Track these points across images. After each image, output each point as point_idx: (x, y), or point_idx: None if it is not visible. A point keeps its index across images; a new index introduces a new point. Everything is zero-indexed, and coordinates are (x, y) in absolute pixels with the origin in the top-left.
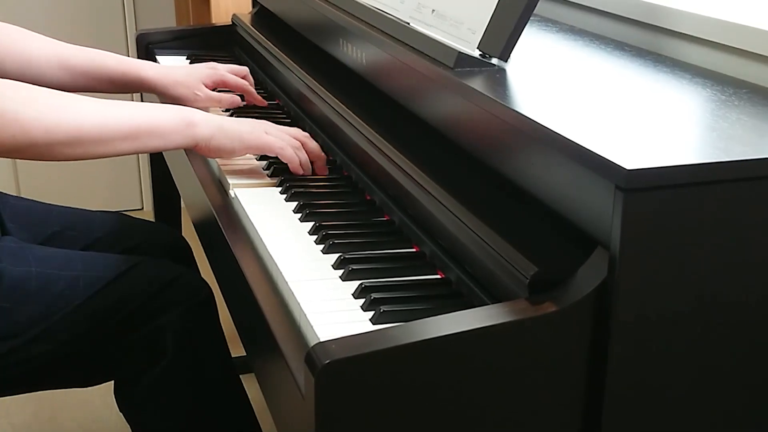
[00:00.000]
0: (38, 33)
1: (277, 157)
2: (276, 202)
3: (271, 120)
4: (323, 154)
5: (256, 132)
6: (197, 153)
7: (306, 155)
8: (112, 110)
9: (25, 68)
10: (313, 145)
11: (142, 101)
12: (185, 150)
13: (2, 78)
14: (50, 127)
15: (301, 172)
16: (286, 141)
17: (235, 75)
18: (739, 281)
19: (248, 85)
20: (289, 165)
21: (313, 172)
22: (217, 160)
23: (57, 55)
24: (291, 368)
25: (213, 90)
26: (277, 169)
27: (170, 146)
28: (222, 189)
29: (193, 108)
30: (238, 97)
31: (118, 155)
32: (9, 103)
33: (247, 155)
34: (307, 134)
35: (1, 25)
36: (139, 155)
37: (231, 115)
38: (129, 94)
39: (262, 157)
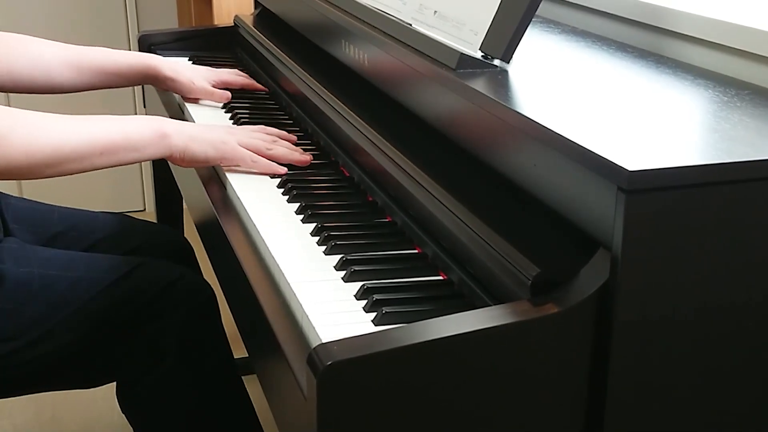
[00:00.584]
0: (40, 35)
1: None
2: (278, 203)
3: (272, 121)
4: (305, 155)
5: (230, 143)
6: (172, 163)
7: (283, 149)
8: (88, 128)
9: (36, 73)
10: (286, 138)
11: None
12: None
13: (16, 84)
14: (30, 150)
15: (280, 171)
16: (257, 146)
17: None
18: (741, 282)
19: (246, 81)
20: (263, 171)
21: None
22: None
23: (67, 56)
24: (293, 369)
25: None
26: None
27: (146, 158)
28: (224, 190)
29: (165, 118)
30: (229, 94)
31: (96, 170)
32: None
33: None
34: (272, 131)
35: (11, 34)
36: None
37: (233, 111)
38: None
39: None
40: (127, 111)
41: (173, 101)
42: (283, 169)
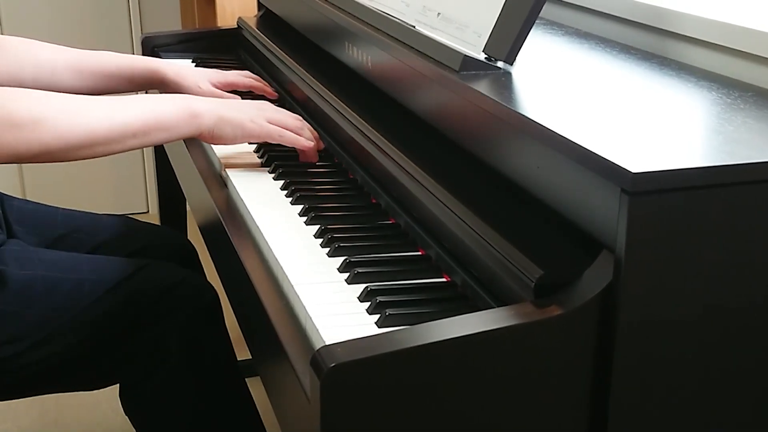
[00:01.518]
0: (44, 37)
1: (281, 159)
2: (282, 205)
3: None
4: (320, 142)
5: (258, 120)
6: (201, 140)
7: (309, 134)
8: (120, 109)
9: (41, 77)
10: (308, 134)
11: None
12: (189, 151)
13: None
14: (64, 133)
15: (308, 146)
16: (287, 122)
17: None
18: (745, 284)
19: (255, 83)
20: (292, 145)
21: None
22: (222, 162)
23: (70, 60)
24: (296, 371)
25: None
26: (282, 173)
27: (175, 137)
28: (227, 192)
29: (194, 96)
30: (238, 97)
31: (128, 151)
32: (24, 112)
33: (250, 155)
34: (302, 120)
35: (16, 38)
36: (145, 159)
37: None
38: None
39: (268, 160)
40: None
41: None
42: (310, 144)
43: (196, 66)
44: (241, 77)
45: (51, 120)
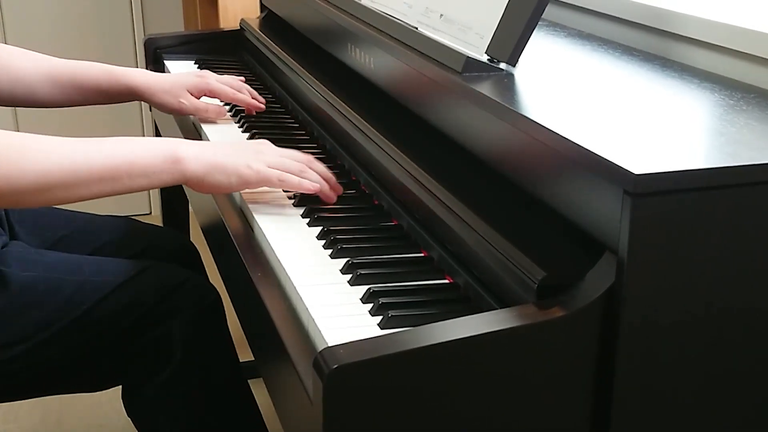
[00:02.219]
0: (47, 39)
1: None
2: (284, 207)
3: (278, 124)
4: (330, 174)
5: (255, 165)
6: (190, 189)
7: (316, 175)
8: (84, 151)
9: (16, 86)
10: (318, 166)
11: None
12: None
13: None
14: (12, 177)
15: (312, 189)
16: (289, 167)
17: (228, 85)
18: (747, 285)
19: (238, 94)
20: (297, 190)
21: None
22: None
23: (47, 71)
24: (299, 373)
25: (200, 98)
26: None
27: (157, 185)
28: (230, 195)
29: (182, 140)
30: (225, 108)
31: (100, 197)
32: None
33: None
34: (310, 157)
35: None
36: None
37: (242, 122)
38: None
39: None
40: (134, 114)
41: (186, 118)
42: (315, 186)
43: (199, 68)
44: (223, 87)
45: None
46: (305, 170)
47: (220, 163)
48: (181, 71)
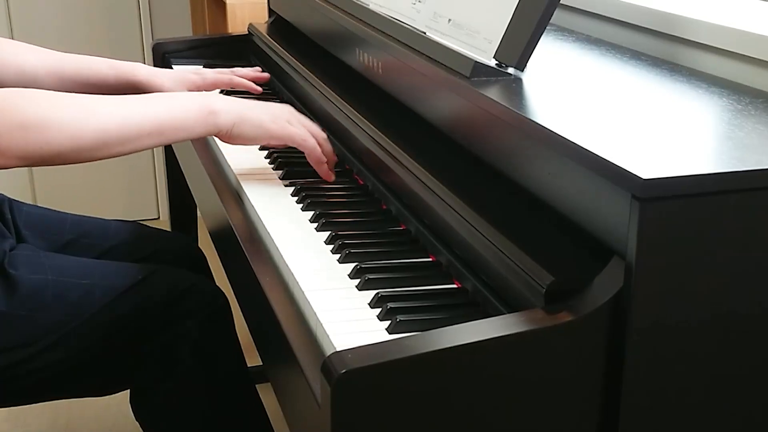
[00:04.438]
0: (55, 42)
1: (292, 165)
2: (292, 211)
3: None
4: (335, 157)
5: (279, 122)
6: (220, 140)
7: (329, 148)
8: (134, 108)
9: (21, 80)
10: (328, 147)
11: None
12: (199, 157)
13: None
14: (75, 134)
15: (322, 161)
16: (308, 131)
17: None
18: (755, 289)
19: (235, 78)
20: (309, 156)
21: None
22: (233, 168)
23: (52, 65)
24: (307, 378)
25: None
26: (293, 180)
27: (193, 136)
28: (238, 198)
29: (214, 94)
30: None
31: (145, 149)
32: (32, 114)
33: (260, 160)
34: (324, 135)
35: (4, 40)
36: (155, 165)
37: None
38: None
39: (277, 167)
40: None
41: None
42: (324, 160)
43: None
44: (221, 76)
45: (60, 121)
46: (324, 142)
47: (248, 115)
48: None
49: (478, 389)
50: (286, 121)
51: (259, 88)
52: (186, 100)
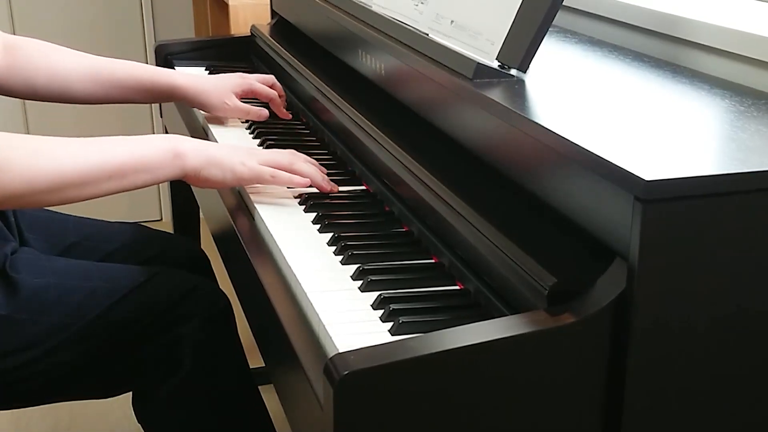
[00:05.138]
0: (58, 44)
1: None
2: (295, 213)
3: (289, 130)
4: (323, 170)
5: (248, 163)
6: (188, 182)
7: (307, 165)
8: (94, 150)
9: (55, 83)
10: (306, 158)
11: (160, 111)
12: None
13: (32, 92)
14: (30, 176)
15: (302, 183)
16: (279, 161)
17: (264, 84)
18: (757, 291)
19: (276, 95)
20: (289, 184)
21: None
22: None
23: (87, 68)
24: (310, 379)
25: (242, 100)
26: None
27: (159, 180)
28: (241, 201)
29: (181, 136)
30: (266, 110)
31: (106, 195)
32: None
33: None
34: (301, 155)
35: (33, 41)
36: None
37: (252, 128)
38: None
39: None
40: (144, 120)
41: (196, 122)
42: (305, 181)
43: (209, 74)
44: (264, 88)
45: (14, 162)
46: (294, 161)
47: (217, 158)
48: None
49: (480, 390)
50: (255, 161)
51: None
52: (150, 142)
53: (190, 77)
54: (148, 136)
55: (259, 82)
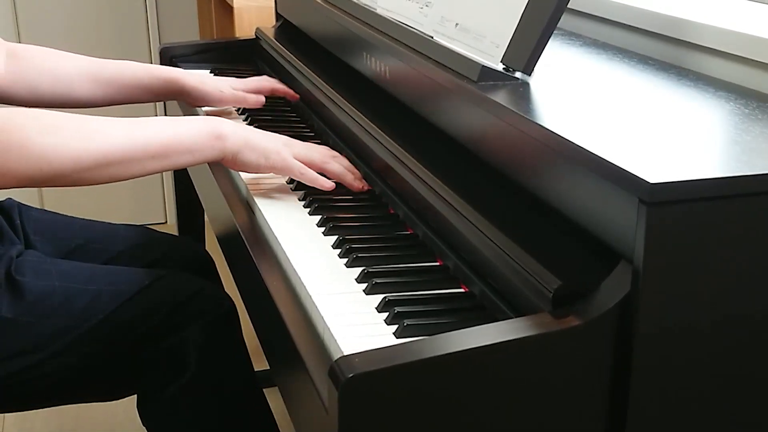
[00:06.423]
0: (62, 47)
1: None
2: (300, 216)
3: (294, 133)
4: (354, 169)
5: (283, 153)
6: (222, 165)
7: (338, 165)
8: (139, 130)
9: (58, 88)
10: (342, 160)
11: (165, 113)
12: (208, 163)
13: (37, 98)
14: (77, 155)
15: (328, 186)
16: (313, 158)
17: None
18: (763, 294)
19: (276, 83)
20: (313, 184)
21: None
22: (242, 175)
23: (86, 69)
24: (314, 382)
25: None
26: (301, 184)
27: (199, 161)
28: (246, 203)
29: (219, 117)
30: (263, 98)
31: (148, 174)
32: (34, 136)
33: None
34: (335, 153)
35: (33, 47)
36: None
37: (255, 123)
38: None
39: None
40: None
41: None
42: (330, 185)
43: (214, 76)
44: (262, 82)
45: (62, 140)
46: (328, 161)
47: (254, 142)
48: None
49: (485, 393)
50: (289, 153)
51: (296, 95)
52: (193, 123)
53: (187, 71)
54: (189, 118)
55: (254, 84)
